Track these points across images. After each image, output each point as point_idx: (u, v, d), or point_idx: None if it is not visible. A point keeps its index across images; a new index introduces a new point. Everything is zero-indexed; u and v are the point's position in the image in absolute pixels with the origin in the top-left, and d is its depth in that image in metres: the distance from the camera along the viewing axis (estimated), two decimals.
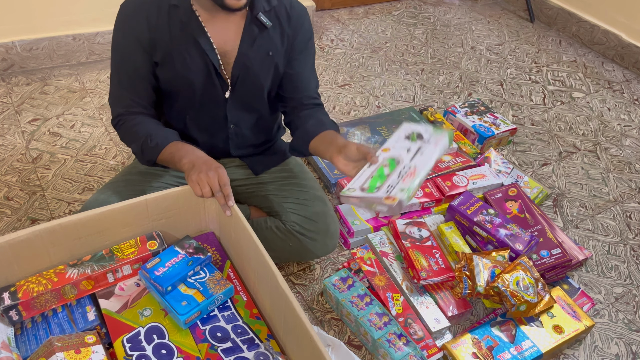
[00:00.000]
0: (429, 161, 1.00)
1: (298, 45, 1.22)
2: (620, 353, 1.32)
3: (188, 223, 1.15)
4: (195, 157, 1.08)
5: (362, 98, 2.14)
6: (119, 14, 1.12)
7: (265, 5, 1.15)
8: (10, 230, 1.44)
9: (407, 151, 1.06)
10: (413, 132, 1.11)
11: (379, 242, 1.43)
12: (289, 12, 1.18)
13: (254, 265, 1.04)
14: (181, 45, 1.12)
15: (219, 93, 1.19)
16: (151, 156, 1.13)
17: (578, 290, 1.42)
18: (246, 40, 1.15)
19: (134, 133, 1.16)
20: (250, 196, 1.34)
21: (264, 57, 1.18)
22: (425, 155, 1.02)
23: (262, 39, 1.16)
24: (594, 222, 1.68)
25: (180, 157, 1.09)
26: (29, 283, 0.98)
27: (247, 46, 1.16)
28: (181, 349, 0.97)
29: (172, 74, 1.15)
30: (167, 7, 1.09)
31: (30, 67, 2.04)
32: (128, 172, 1.26)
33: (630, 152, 2.01)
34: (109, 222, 1.04)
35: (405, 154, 1.05)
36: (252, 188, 1.33)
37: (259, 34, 1.16)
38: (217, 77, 1.17)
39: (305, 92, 1.26)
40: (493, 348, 1.20)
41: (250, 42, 1.16)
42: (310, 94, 1.27)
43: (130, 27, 1.10)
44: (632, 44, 2.49)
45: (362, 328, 1.23)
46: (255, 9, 1.14)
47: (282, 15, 1.18)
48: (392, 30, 2.66)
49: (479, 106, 2.01)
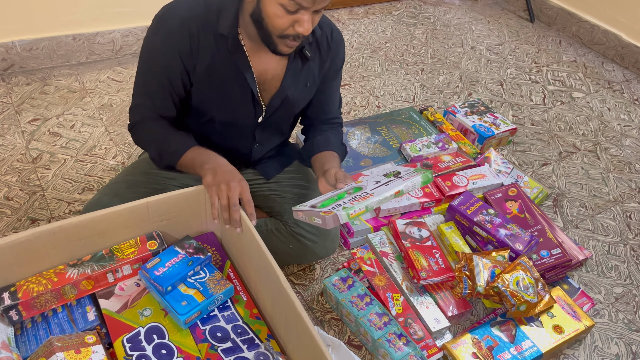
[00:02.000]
0: (388, 191, 0.98)
1: (331, 74, 1.23)
2: (620, 353, 1.32)
3: (189, 224, 1.15)
4: (217, 165, 1.06)
5: (362, 98, 2.13)
6: (159, 25, 1.06)
7: (309, 37, 1.13)
8: (10, 230, 1.44)
9: (376, 183, 1.07)
10: (393, 171, 1.13)
11: (379, 242, 1.43)
12: (329, 42, 1.18)
13: (256, 264, 1.04)
14: (222, 70, 1.10)
15: (251, 118, 1.19)
16: (170, 161, 1.12)
17: (578, 290, 1.42)
18: (290, 74, 1.15)
19: (151, 137, 1.14)
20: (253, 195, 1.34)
21: (303, 88, 1.19)
22: (389, 186, 1.01)
23: (303, 71, 1.17)
24: (594, 222, 1.68)
25: (202, 163, 1.07)
26: (29, 283, 0.98)
27: (290, 80, 1.16)
28: (181, 349, 0.97)
29: (208, 96, 1.14)
30: (213, 33, 1.06)
31: (30, 67, 2.04)
32: (130, 172, 1.26)
33: (630, 152, 2.01)
34: (110, 224, 1.04)
35: (372, 185, 1.06)
36: (255, 187, 1.33)
37: (302, 67, 1.16)
38: (253, 103, 1.16)
39: (329, 114, 1.31)
40: (493, 348, 1.20)
41: (293, 76, 1.16)
42: (333, 114, 1.31)
43: (173, 41, 1.05)
44: (632, 44, 2.49)
45: (362, 328, 1.23)
46: (301, 42, 1.12)
47: (323, 46, 1.17)
48: (392, 30, 2.66)
49: (479, 106, 2.01)
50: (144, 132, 1.16)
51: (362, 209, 0.94)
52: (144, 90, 1.13)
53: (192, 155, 1.10)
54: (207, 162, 1.07)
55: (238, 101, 1.15)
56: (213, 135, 1.23)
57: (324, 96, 1.26)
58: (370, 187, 1.04)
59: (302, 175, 1.37)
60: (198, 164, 1.08)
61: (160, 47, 1.07)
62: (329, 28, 1.19)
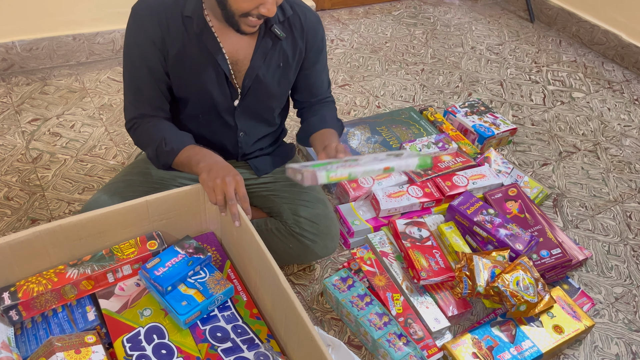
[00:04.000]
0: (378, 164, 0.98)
1: (313, 56, 1.23)
2: (620, 353, 1.32)
3: (188, 224, 1.15)
4: (212, 162, 1.07)
5: (362, 98, 2.13)
6: (132, 16, 1.10)
7: (279, 16, 1.14)
8: (10, 230, 1.44)
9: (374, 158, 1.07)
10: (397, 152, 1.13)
11: (379, 242, 1.43)
12: (303, 23, 1.18)
13: (256, 264, 1.04)
14: (193, 53, 1.11)
15: (228, 101, 1.19)
16: (166, 160, 1.12)
17: (578, 290, 1.42)
18: (259, 53, 1.15)
19: (149, 137, 1.15)
20: (252, 196, 1.34)
21: (275, 69, 1.19)
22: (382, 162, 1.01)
23: (275, 51, 1.17)
24: (594, 222, 1.68)
25: (198, 161, 1.08)
26: (29, 283, 0.98)
27: (260, 59, 1.16)
28: (181, 349, 0.97)
29: (182, 80, 1.15)
30: (181, 17, 1.09)
31: (30, 67, 2.04)
32: (129, 172, 1.26)
33: (630, 152, 2.01)
34: (110, 224, 1.04)
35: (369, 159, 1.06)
36: (254, 188, 1.33)
37: (272, 46, 1.16)
38: (228, 86, 1.17)
39: (319, 96, 1.32)
40: (493, 348, 1.20)
41: (262, 55, 1.16)
42: (323, 95, 1.33)
43: (145, 29, 1.09)
44: (632, 44, 2.49)
45: (362, 328, 1.23)
46: (270, 21, 1.13)
47: (295, 26, 1.17)
48: (392, 30, 2.66)
49: (479, 106, 2.01)
50: (141, 133, 1.17)
51: (344, 175, 0.94)
52: (131, 85, 1.15)
53: (187, 154, 1.11)
54: (202, 160, 1.08)
55: (213, 84, 1.16)
56: (200, 129, 1.23)
57: (309, 80, 1.28)
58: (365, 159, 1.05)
59: None
60: (194, 162, 1.09)
61: (135, 38, 1.10)
62: (302, 9, 1.19)
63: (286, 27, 1.17)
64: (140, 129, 1.16)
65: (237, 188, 1.03)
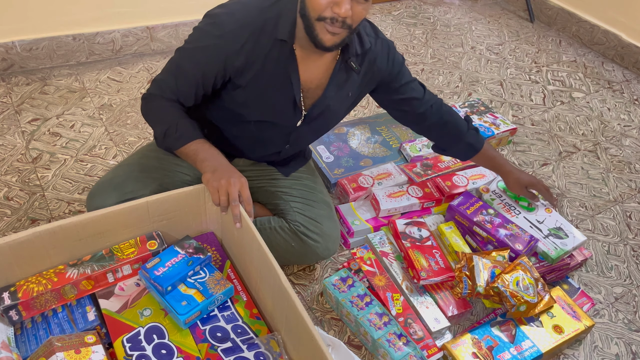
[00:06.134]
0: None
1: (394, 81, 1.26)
2: (620, 353, 1.32)
3: (188, 224, 1.16)
4: (217, 163, 1.07)
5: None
6: (213, 24, 1.06)
7: (358, 49, 1.14)
8: (10, 230, 1.44)
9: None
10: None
11: (379, 242, 1.43)
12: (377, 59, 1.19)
13: (257, 264, 1.04)
14: (271, 76, 1.11)
15: (290, 122, 1.20)
16: (173, 145, 1.11)
17: (578, 290, 1.42)
18: (333, 84, 1.17)
19: (161, 115, 1.13)
20: (259, 190, 1.34)
21: (344, 98, 1.21)
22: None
23: (348, 82, 1.18)
24: (594, 222, 1.68)
25: (203, 159, 1.08)
26: (29, 283, 0.98)
27: (333, 90, 1.17)
28: (181, 349, 0.97)
29: (251, 99, 1.14)
30: (272, 39, 1.07)
31: (30, 67, 2.04)
32: (144, 156, 1.25)
33: (630, 152, 2.01)
34: (110, 224, 1.04)
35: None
36: (263, 182, 1.34)
37: (348, 79, 1.17)
38: (293, 109, 1.17)
39: (424, 103, 1.33)
40: (493, 348, 1.20)
41: (336, 87, 1.17)
42: (425, 100, 1.33)
43: (224, 44, 1.06)
44: (632, 44, 2.49)
45: (362, 328, 1.23)
46: (347, 53, 1.13)
47: (370, 61, 1.19)
48: (392, 30, 2.66)
49: (479, 106, 2.01)
50: (156, 108, 1.14)
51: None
52: (174, 69, 1.12)
53: (195, 147, 1.10)
54: (208, 159, 1.07)
55: (279, 106, 1.16)
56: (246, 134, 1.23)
57: (406, 99, 1.30)
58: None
59: (310, 175, 1.39)
60: (199, 159, 1.08)
61: (209, 44, 1.07)
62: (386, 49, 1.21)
63: (360, 60, 1.17)
64: (158, 102, 1.13)
65: (241, 190, 1.03)
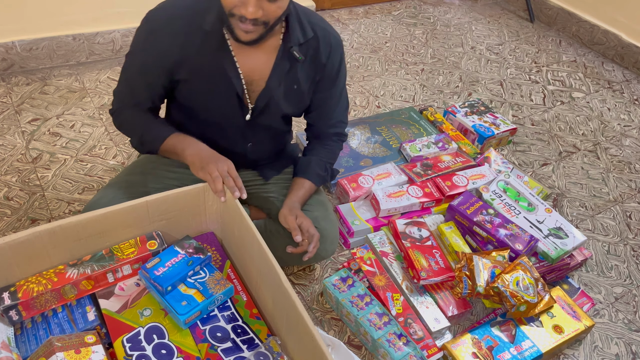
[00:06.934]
0: None
1: (327, 79, 1.21)
2: (620, 353, 1.32)
3: (189, 224, 1.15)
4: (199, 149, 1.10)
5: (362, 98, 2.13)
6: (146, 23, 1.09)
7: (300, 37, 1.12)
8: (10, 230, 1.44)
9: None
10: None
11: (379, 242, 1.43)
12: (322, 47, 1.16)
13: (257, 264, 1.04)
14: (208, 69, 1.10)
15: (238, 117, 1.19)
16: (152, 147, 1.16)
17: (578, 290, 1.42)
18: (275, 75, 1.14)
19: (133, 124, 1.17)
20: (252, 197, 1.34)
21: (290, 91, 1.18)
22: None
23: (291, 73, 1.15)
24: (594, 222, 1.68)
25: (183, 149, 1.11)
26: (29, 283, 0.98)
27: (276, 80, 1.15)
28: (181, 349, 0.97)
29: (194, 93, 1.15)
30: (199, 31, 1.06)
31: (30, 67, 2.04)
32: (130, 172, 1.26)
33: (630, 152, 2.01)
34: (110, 224, 1.04)
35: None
36: (254, 189, 1.33)
37: (290, 68, 1.14)
38: (240, 103, 1.17)
39: (329, 121, 1.29)
40: (493, 348, 1.20)
41: (279, 77, 1.15)
42: (332, 122, 1.30)
43: (157, 39, 1.07)
44: (632, 44, 2.49)
45: (362, 328, 1.23)
46: (289, 42, 1.11)
47: (315, 49, 1.15)
48: (392, 30, 2.66)
49: (479, 106, 2.01)
50: (125, 119, 1.18)
51: None
52: (125, 78, 1.16)
53: (173, 142, 1.13)
54: (187, 147, 1.11)
55: (225, 100, 1.15)
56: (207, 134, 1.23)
57: (323, 104, 1.26)
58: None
59: None
60: (180, 150, 1.11)
61: (143, 44, 1.10)
62: (325, 33, 1.16)
63: (305, 49, 1.14)
64: (125, 114, 1.17)
65: (229, 170, 1.06)
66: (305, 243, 1.16)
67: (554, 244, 1.39)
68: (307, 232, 1.17)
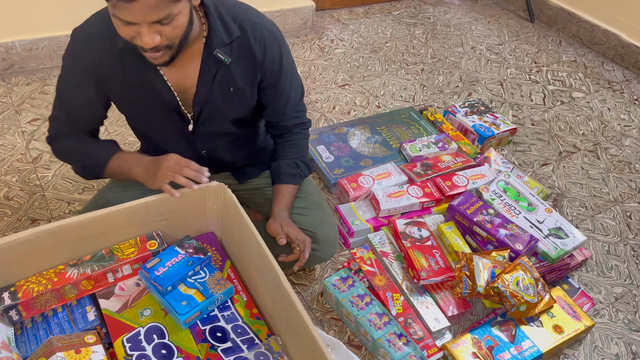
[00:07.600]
0: None
1: (271, 74, 1.14)
2: (620, 353, 1.32)
3: (189, 224, 1.15)
4: (143, 165, 1.08)
5: (362, 98, 2.13)
6: (70, 41, 1.05)
7: (224, 38, 1.04)
8: (10, 230, 1.44)
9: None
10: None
11: (379, 242, 1.43)
12: (253, 44, 1.08)
13: (257, 264, 1.04)
14: (137, 85, 1.06)
15: (181, 128, 1.16)
16: (96, 173, 1.14)
17: (578, 290, 1.42)
18: (204, 79, 1.08)
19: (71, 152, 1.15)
20: (247, 201, 1.33)
21: (227, 93, 1.12)
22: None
23: (223, 75, 1.09)
24: (594, 222, 1.68)
25: (129, 168, 1.09)
26: (29, 283, 0.98)
27: (206, 83, 1.08)
28: (181, 349, 0.97)
29: (131, 111, 1.14)
30: (117, 49, 1.01)
31: (30, 67, 2.04)
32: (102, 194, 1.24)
33: (630, 152, 2.01)
34: (110, 224, 1.04)
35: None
36: (247, 194, 1.32)
37: (219, 70, 1.08)
38: (177, 114, 1.13)
39: (286, 114, 1.23)
40: (493, 348, 1.20)
41: (208, 79, 1.08)
42: (290, 114, 1.24)
43: (81, 58, 1.04)
44: (632, 44, 2.49)
45: (362, 328, 1.23)
46: (212, 45, 1.04)
47: (246, 48, 1.08)
48: (392, 30, 2.66)
49: (479, 106, 2.01)
50: (63, 148, 1.16)
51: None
52: (59, 103, 1.12)
53: (117, 164, 1.11)
54: (133, 167, 1.09)
55: (163, 113, 1.12)
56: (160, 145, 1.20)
57: (275, 99, 1.19)
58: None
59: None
60: (126, 171, 1.10)
61: (70, 65, 1.07)
62: (255, 28, 1.08)
63: (234, 50, 1.07)
64: (62, 142, 1.15)
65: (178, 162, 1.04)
66: (297, 250, 1.15)
67: (554, 244, 1.39)
68: (297, 239, 1.16)
